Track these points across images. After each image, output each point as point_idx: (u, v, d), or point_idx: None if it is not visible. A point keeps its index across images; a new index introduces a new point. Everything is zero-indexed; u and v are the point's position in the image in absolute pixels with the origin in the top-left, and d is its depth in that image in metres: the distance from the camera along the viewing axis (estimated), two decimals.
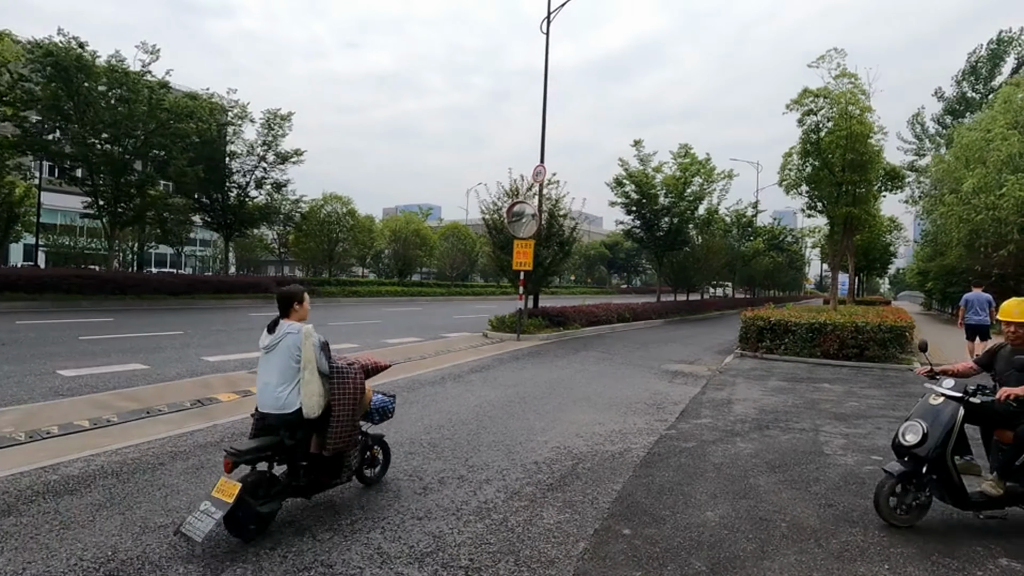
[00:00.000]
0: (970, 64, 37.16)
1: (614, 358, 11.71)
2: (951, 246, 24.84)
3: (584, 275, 73.74)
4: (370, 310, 22.47)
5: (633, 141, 24.60)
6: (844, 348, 11.57)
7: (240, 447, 3.24)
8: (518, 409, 6.81)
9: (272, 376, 3.49)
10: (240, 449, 3.21)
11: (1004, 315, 4.01)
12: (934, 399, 3.90)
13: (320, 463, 3.62)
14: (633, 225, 26.24)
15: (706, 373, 10.29)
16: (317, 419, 3.52)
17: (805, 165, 16.54)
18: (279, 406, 3.44)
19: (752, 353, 12.49)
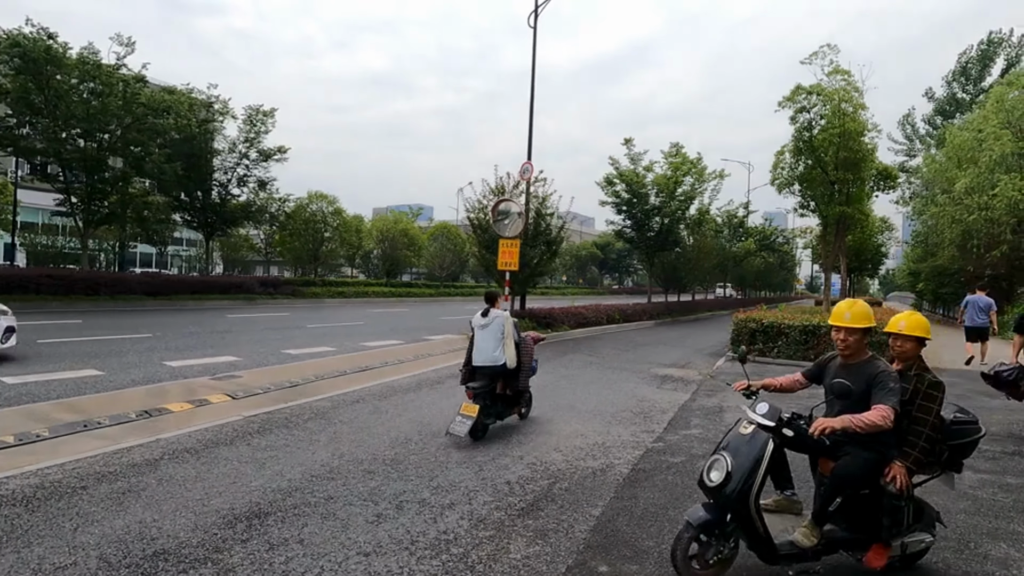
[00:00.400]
0: (960, 65, 37.14)
1: (601, 361, 11.28)
2: (943, 247, 24.70)
3: (576, 276, 73.48)
4: (354, 311, 21.92)
5: (624, 139, 24.21)
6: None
7: (475, 387, 5.56)
8: None
9: (488, 343, 5.76)
10: (476, 388, 5.54)
11: (834, 319, 3.21)
12: (744, 427, 3.06)
13: (506, 400, 5.94)
14: (623, 225, 25.88)
15: (696, 378, 9.88)
16: (511, 370, 5.78)
17: (797, 164, 16.22)
18: (492, 360, 5.70)
19: (738, 356, 12.09)
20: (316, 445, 5.09)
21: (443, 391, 7.72)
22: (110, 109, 18.15)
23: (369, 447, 5.09)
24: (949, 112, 37.34)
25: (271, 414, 6.16)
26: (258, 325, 14.99)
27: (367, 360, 10.13)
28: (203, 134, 22.50)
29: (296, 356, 10.19)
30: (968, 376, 10.41)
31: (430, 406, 6.80)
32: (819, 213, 16.47)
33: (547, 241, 14.65)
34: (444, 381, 8.42)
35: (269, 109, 24.16)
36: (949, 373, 10.73)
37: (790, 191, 16.48)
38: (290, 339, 12.37)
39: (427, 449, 5.12)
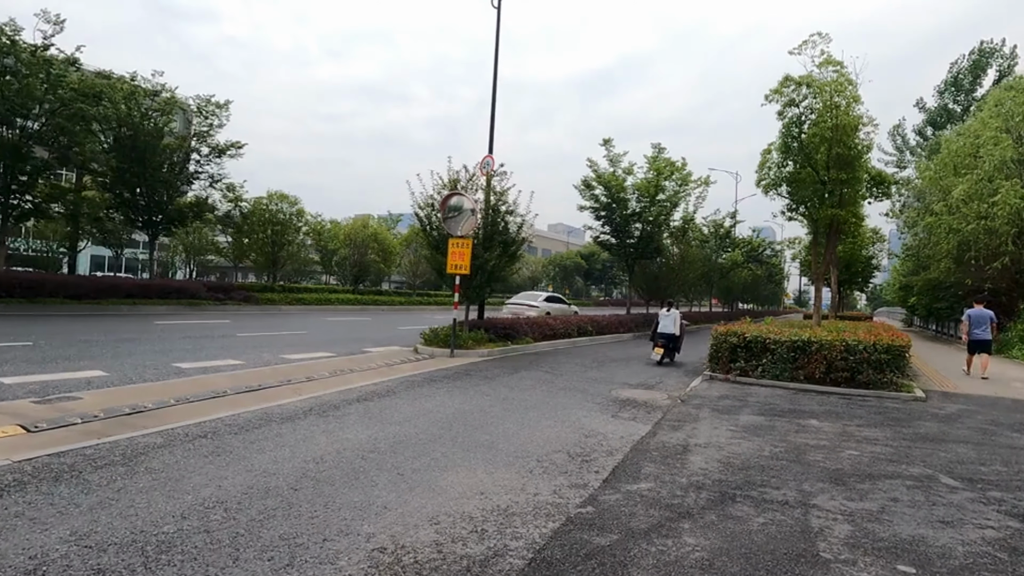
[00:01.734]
0: (952, 75, 36.32)
1: (557, 380, 9.59)
2: (937, 259, 23.39)
3: (562, 286, 71.90)
4: (306, 319, 20.10)
5: (603, 140, 22.80)
6: (832, 371, 9.62)
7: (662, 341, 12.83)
8: (373, 465, 4.64)
9: (668, 324, 12.87)
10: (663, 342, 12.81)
11: None
12: None
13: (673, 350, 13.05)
14: (603, 231, 24.38)
15: (664, 402, 8.22)
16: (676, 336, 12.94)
17: (786, 162, 14.75)
18: (670, 331, 12.82)
19: (723, 376, 10.48)
20: (51, 521, 3.34)
21: (332, 421, 5.98)
22: (31, 92, 16.35)
23: (160, 510, 3.36)
24: (940, 123, 36.43)
25: (59, 456, 4.42)
26: (176, 333, 13.17)
27: (271, 376, 8.38)
28: (148, 125, 20.70)
29: (185, 371, 8.42)
30: (995, 406, 8.82)
31: (298, 444, 5.07)
32: (809, 216, 15.00)
33: (504, 242, 12.99)
34: (343, 407, 6.68)
35: (223, 101, 22.45)
36: (965, 400, 9.14)
37: (777, 193, 15.02)
38: (198, 350, 10.58)
39: (240, 519, 3.40)
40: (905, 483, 4.79)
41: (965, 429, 6.99)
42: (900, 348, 9.37)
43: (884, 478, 4.91)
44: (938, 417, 7.69)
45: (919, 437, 6.50)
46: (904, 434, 6.62)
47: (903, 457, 5.62)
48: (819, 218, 14.44)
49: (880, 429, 6.83)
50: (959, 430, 6.92)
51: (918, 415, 7.78)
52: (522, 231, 13.47)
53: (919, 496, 4.46)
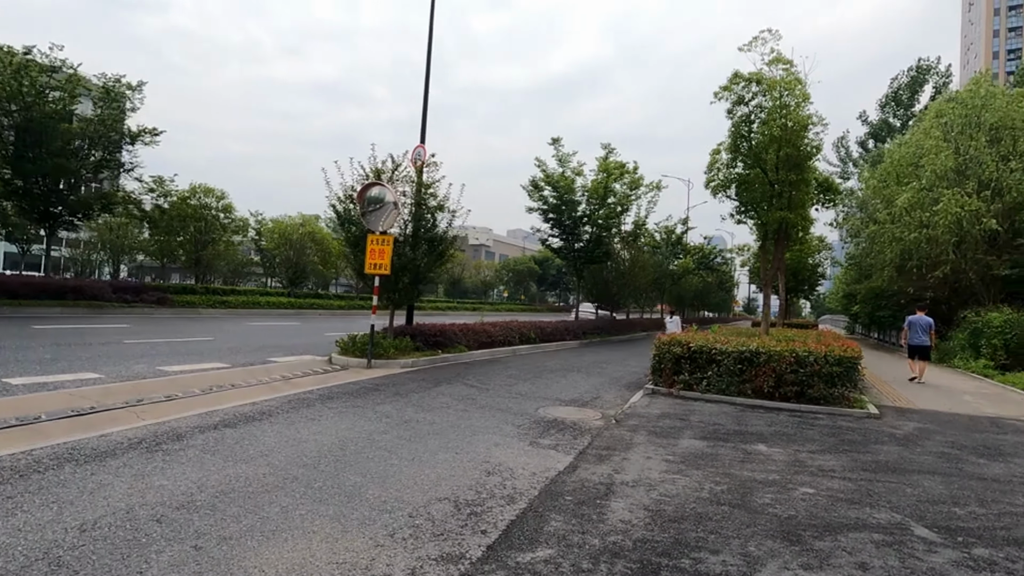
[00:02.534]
0: (892, 91, 37.41)
1: (480, 396, 8.39)
2: (880, 268, 23.53)
3: (518, 292, 70.90)
4: (223, 325, 18.23)
5: (551, 139, 21.91)
6: (782, 385, 8.79)
7: None
8: (168, 532, 3.29)
9: (674, 328, 15.30)
10: None
11: None
12: None
13: None
14: (551, 234, 23.44)
15: (596, 424, 7.13)
16: None
17: (735, 163, 14.10)
18: None
19: (667, 389, 9.52)
20: None
21: (157, 459, 4.57)
22: None
23: None
24: (882, 136, 37.44)
25: None
26: (46, 340, 11.28)
27: (123, 395, 6.84)
28: (45, 105, 18.41)
29: (12, 388, 6.78)
30: (952, 424, 8.13)
31: (77, 500, 3.66)
32: (758, 219, 14.41)
33: (430, 239, 11.72)
34: (188, 437, 5.27)
35: (136, 83, 20.31)
36: (920, 416, 8.44)
37: (726, 195, 14.38)
38: (56, 361, 8.85)
39: None
40: (872, 537, 3.80)
41: (927, 455, 6.17)
42: (852, 360, 8.63)
43: (847, 529, 3.91)
44: (896, 439, 6.89)
45: (880, 466, 5.61)
46: (863, 462, 5.73)
47: (866, 496, 4.67)
48: (768, 221, 13.85)
49: (836, 456, 5.92)
50: (921, 456, 6.10)
51: (875, 436, 6.96)
52: (453, 228, 12.24)
53: (892, 559, 3.47)
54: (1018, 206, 18.08)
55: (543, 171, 22.09)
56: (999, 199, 18.02)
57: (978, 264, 18.44)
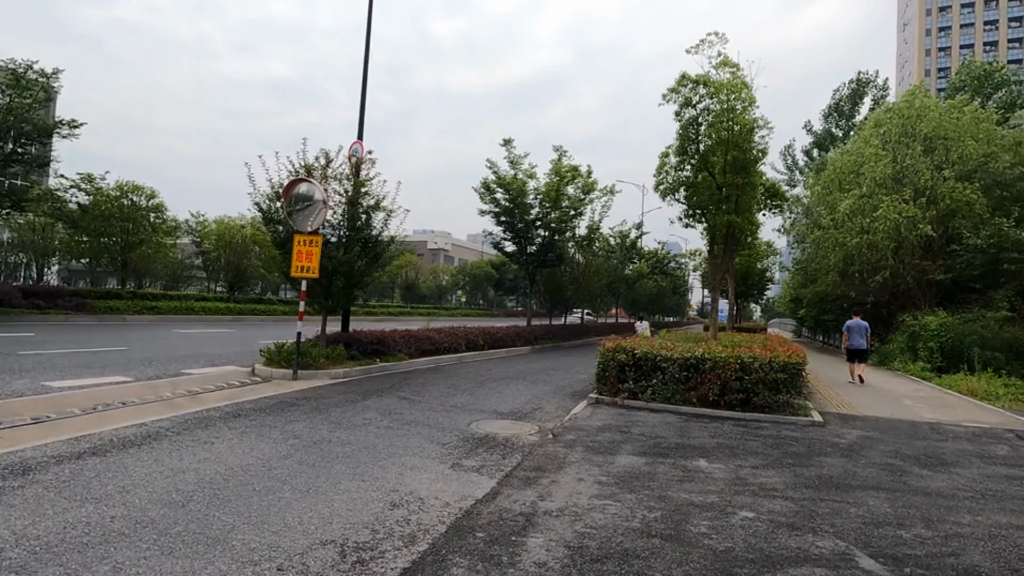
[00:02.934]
0: (835, 102, 38.79)
1: (410, 411, 7.74)
2: (824, 273, 24.10)
3: (475, 297, 70.08)
4: (144, 332, 16.87)
5: (503, 140, 21.40)
6: (727, 393, 8.49)
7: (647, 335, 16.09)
8: None
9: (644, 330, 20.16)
10: None
11: None
12: None
13: None
14: (504, 237, 22.92)
15: (530, 439, 6.59)
16: None
17: (683, 166, 13.95)
18: None
19: (611, 398, 9.10)
20: None
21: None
22: None
23: None
24: (825, 145, 38.74)
25: None
26: None
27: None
28: None
29: None
30: (894, 431, 7.98)
31: None
32: (706, 222, 14.30)
33: (365, 241, 10.99)
34: (34, 471, 4.43)
35: (51, 71, 18.70)
36: (863, 423, 8.28)
37: (675, 198, 14.21)
38: None
39: None
40: (815, 573, 3.37)
41: (871, 467, 5.91)
42: (796, 366, 8.42)
43: (788, 563, 3.48)
44: (840, 449, 6.63)
45: (824, 482, 5.27)
46: (807, 478, 5.38)
47: (808, 519, 4.28)
48: (716, 224, 13.73)
49: (779, 472, 5.57)
50: (865, 469, 5.82)
51: (819, 447, 6.69)
52: (390, 229, 11.53)
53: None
54: (951, 213, 18.71)
55: (495, 173, 21.58)
56: (933, 207, 18.63)
57: (915, 269, 18.99)
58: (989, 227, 17.32)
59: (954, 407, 9.83)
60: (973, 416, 8.99)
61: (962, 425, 8.16)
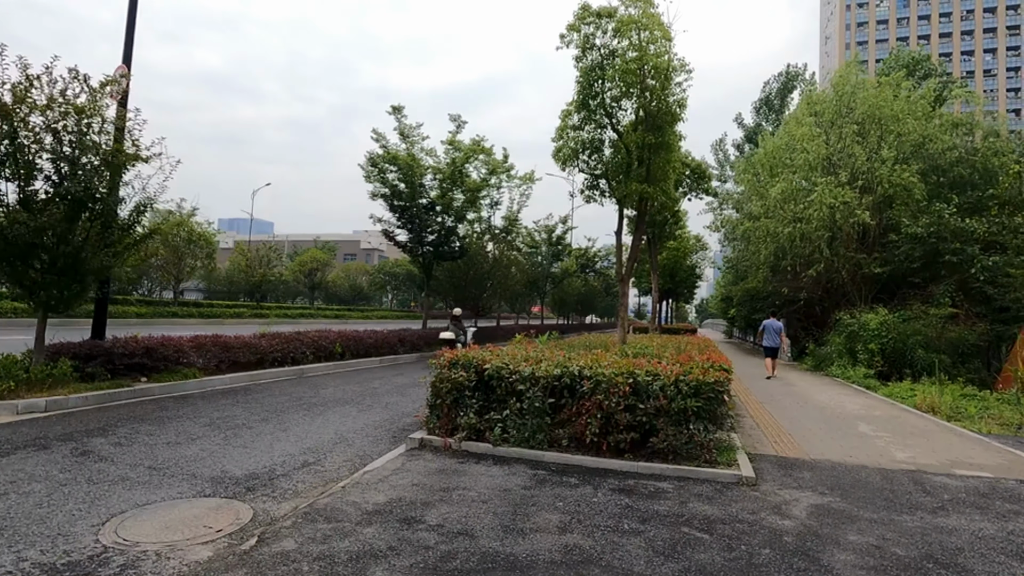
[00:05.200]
0: (765, 95, 37.71)
1: (37, 488, 4.21)
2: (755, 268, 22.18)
3: (409, 299, 65.45)
4: None
5: (392, 107, 17.95)
6: (612, 430, 5.46)
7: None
8: None
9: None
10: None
11: None
12: None
13: None
14: (397, 224, 19.41)
15: (195, 559, 3.23)
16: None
17: (584, 124, 11.01)
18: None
19: (443, 438, 5.88)
20: None
21: None
22: None
23: None
24: (756, 140, 37.56)
25: None
26: None
27: None
28: None
29: None
30: (863, 492, 5.03)
31: None
32: (612, 194, 11.44)
33: (100, 208, 7.27)
34: None
35: None
36: (813, 476, 5.33)
37: (575, 165, 11.30)
38: None
39: None
40: None
41: None
42: (715, 387, 5.49)
43: None
44: (785, 549, 3.66)
45: None
46: None
47: None
48: (625, 195, 10.89)
49: None
50: None
51: (748, 543, 3.70)
52: (150, 193, 7.86)
53: None
54: (888, 200, 16.91)
55: (383, 146, 18.10)
56: (870, 193, 16.78)
57: (850, 262, 17.06)
58: (929, 214, 15.50)
59: (924, 435, 7.27)
60: (957, 453, 6.40)
61: (954, 474, 5.47)
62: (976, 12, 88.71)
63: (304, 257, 41.93)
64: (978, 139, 18.46)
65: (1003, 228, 14.80)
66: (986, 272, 14.26)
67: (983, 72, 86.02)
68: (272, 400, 8.30)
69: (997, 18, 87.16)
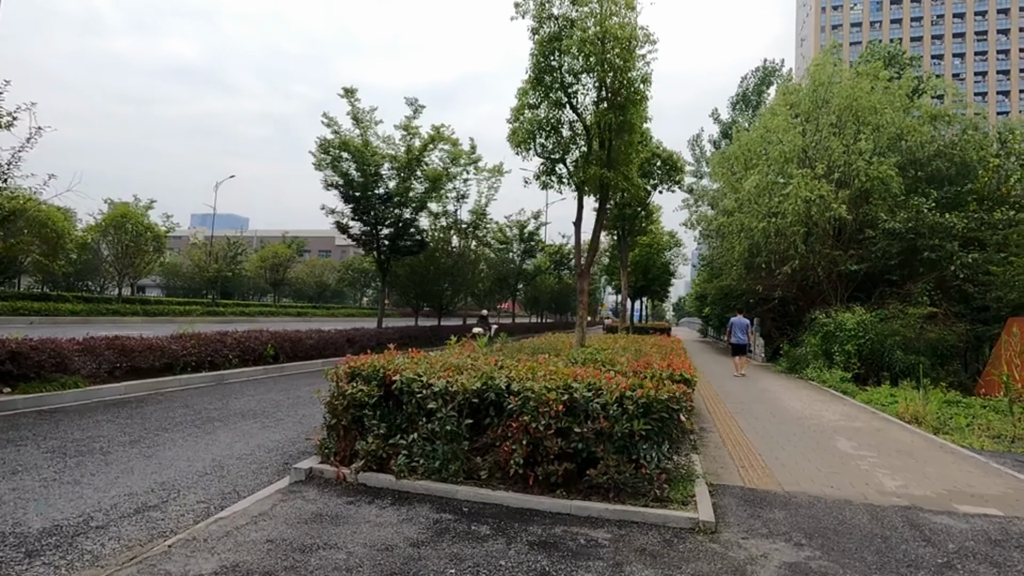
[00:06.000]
0: (742, 90, 37.18)
1: None
2: (730, 266, 21.43)
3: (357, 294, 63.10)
4: None
5: (344, 90, 16.66)
6: (542, 459, 4.37)
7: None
8: None
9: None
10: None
11: None
12: None
13: None
14: (352, 217, 18.10)
15: None
16: None
17: (541, 101, 9.92)
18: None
19: (336, 467, 4.74)
20: None
21: None
22: None
23: None
24: (732, 135, 37.05)
25: None
26: None
27: None
28: None
29: None
30: (849, 541, 3.98)
31: None
32: (571, 179, 10.38)
33: None
34: None
35: None
36: (789, 518, 4.29)
37: (531, 148, 10.20)
38: None
39: None
40: None
41: None
42: (669, 405, 4.43)
43: None
44: None
45: None
46: None
47: None
48: (583, 181, 9.84)
49: None
50: None
51: None
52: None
53: None
54: (864, 195, 16.20)
55: (334, 131, 16.79)
56: (847, 187, 16.07)
57: (826, 259, 16.32)
58: (907, 209, 14.81)
59: (913, 454, 6.35)
60: (954, 478, 5.46)
61: (956, 511, 4.50)
62: (946, 17, 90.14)
63: (265, 252, 40.09)
64: (956, 133, 17.90)
65: (982, 224, 14.17)
66: (965, 270, 13.61)
67: (952, 76, 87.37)
68: (162, 415, 7.05)
69: (966, 24, 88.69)
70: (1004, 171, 15.25)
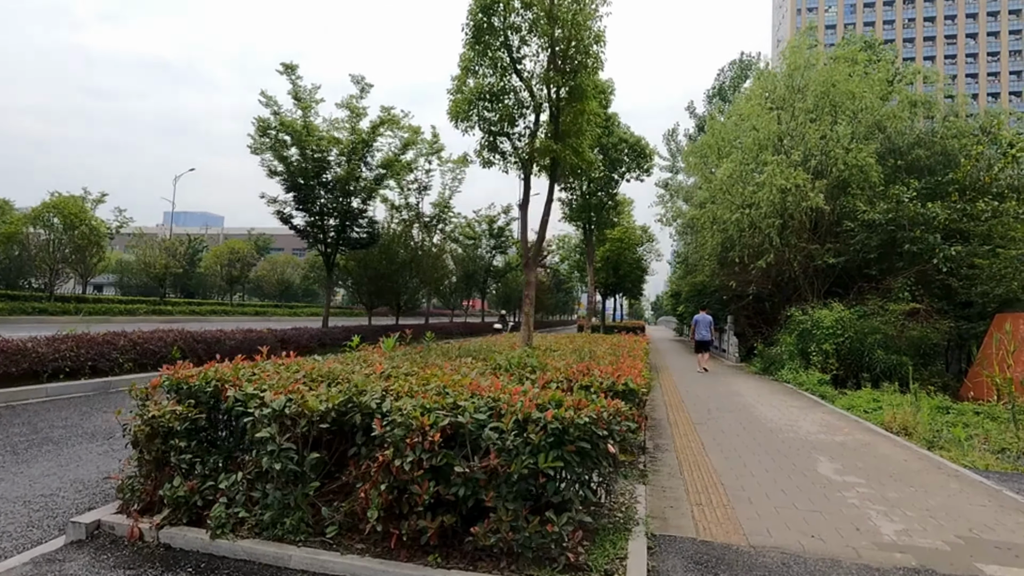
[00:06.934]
0: (719, 83, 36.41)
1: None
2: (703, 262, 20.48)
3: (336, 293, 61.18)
4: None
5: (283, 66, 15.17)
6: (409, 511, 3.08)
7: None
8: None
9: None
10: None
11: None
12: None
13: None
14: (296, 208, 16.60)
15: None
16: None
17: (480, 64, 8.65)
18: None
19: (134, 520, 3.38)
20: None
21: None
22: None
23: None
24: (707, 129, 36.29)
25: None
26: None
27: None
28: None
29: None
30: None
31: None
32: (516, 154, 9.12)
33: None
34: None
35: None
36: None
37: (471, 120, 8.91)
38: None
39: None
40: None
41: None
42: (591, 431, 3.16)
43: None
44: None
45: None
46: None
47: None
48: (529, 156, 8.59)
49: None
50: None
51: None
52: None
53: None
54: (843, 184, 15.29)
55: (274, 111, 15.30)
56: (824, 177, 15.15)
57: (801, 253, 15.36)
58: (887, 200, 13.90)
59: (909, 479, 5.22)
60: (965, 517, 4.29)
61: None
62: (917, 21, 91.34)
63: (220, 249, 38.07)
64: (937, 120, 17.13)
65: (965, 215, 13.32)
66: (948, 263, 12.71)
67: (922, 81, 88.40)
68: None
69: (936, 27, 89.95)
70: (987, 159, 14.47)
